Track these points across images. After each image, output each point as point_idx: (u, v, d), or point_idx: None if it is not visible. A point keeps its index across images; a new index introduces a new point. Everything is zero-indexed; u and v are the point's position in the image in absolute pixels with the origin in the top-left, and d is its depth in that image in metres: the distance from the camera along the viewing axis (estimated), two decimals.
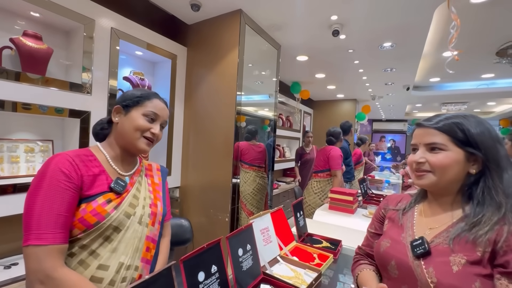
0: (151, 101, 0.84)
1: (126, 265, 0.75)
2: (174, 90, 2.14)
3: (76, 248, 0.71)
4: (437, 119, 0.67)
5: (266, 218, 1.12)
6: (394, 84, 3.96)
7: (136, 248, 0.78)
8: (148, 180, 0.92)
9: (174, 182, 2.22)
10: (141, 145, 0.82)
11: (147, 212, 0.84)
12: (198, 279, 0.68)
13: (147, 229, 0.82)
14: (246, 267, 0.87)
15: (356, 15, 1.97)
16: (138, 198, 0.83)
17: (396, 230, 0.75)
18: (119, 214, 0.76)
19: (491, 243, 0.56)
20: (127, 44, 1.78)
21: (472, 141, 0.62)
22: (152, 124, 0.83)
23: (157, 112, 0.84)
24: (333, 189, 2.07)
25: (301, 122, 4.88)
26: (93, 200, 0.73)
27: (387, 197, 0.88)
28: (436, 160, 0.64)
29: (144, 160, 0.98)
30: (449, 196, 0.67)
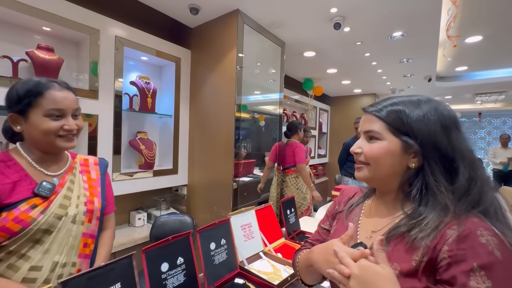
0: (44, 96, 0.73)
1: (61, 263, 0.75)
2: (179, 92, 2.23)
3: (2, 254, 0.71)
4: (382, 104, 0.59)
5: (249, 214, 1.13)
6: (414, 76, 3.72)
7: (71, 246, 0.78)
8: (84, 176, 0.88)
9: (181, 181, 2.31)
10: (61, 144, 0.77)
11: (82, 211, 0.82)
12: (161, 269, 0.72)
13: (83, 226, 0.81)
14: (219, 260, 0.89)
15: (357, 5, 1.89)
16: (70, 198, 0.80)
17: (341, 230, 0.68)
18: (48, 217, 0.74)
19: (429, 251, 0.47)
20: (133, 50, 1.90)
21: (409, 129, 0.53)
22: (61, 121, 0.75)
23: (60, 107, 0.75)
24: (338, 187, 2.01)
25: (317, 119, 4.78)
26: (14, 208, 0.70)
27: (342, 191, 0.81)
28: (368, 150, 0.57)
29: (80, 155, 0.93)
30: (391, 193, 0.60)
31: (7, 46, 1.49)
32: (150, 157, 2.05)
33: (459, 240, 0.45)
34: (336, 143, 5.39)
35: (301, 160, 2.64)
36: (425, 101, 0.55)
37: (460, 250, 0.44)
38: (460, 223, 0.46)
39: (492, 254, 0.42)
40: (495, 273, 0.41)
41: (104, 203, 0.90)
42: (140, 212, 2.09)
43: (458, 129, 0.53)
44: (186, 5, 1.93)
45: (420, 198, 0.53)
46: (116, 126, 1.79)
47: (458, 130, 0.53)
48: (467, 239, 0.44)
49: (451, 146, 0.52)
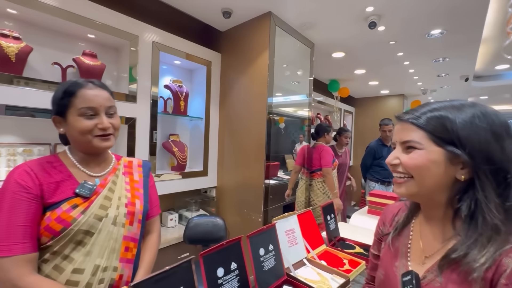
0: (76, 96, 0.74)
1: (102, 267, 0.74)
2: (209, 95, 2.26)
3: (48, 254, 0.72)
4: (420, 110, 0.53)
5: (291, 220, 1.11)
6: (449, 76, 3.52)
7: (112, 249, 0.77)
8: (126, 178, 0.87)
9: (211, 182, 2.33)
10: (98, 144, 0.77)
11: (123, 212, 0.80)
12: (217, 275, 0.71)
13: (123, 229, 0.80)
14: (268, 267, 0.87)
15: (396, 3, 1.82)
16: (110, 199, 0.80)
17: (389, 257, 0.62)
18: (88, 218, 0.73)
19: (487, 283, 0.43)
20: (167, 55, 1.95)
21: (454, 137, 0.47)
22: (95, 120, 0.76)
23: (91, 105, 0.75)
24: (372, 192, 1.93)
25: (341, 121, 4.66)
26: (57, 208, 0.71)
27: (384, 209, 0.73)
28: (407, 159, 0.51)
29: (125, 157, 0.94)
30: (438, 209, 0.53)
31: (56, 53, 1.58)
32: (183, 159, 2.09)
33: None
34: (361, 146, 5.22)
35: (327, 164, 2.56)
36: (470, 106, 0.49)
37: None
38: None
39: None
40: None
41: (147, 206, 0.88)
42: (172, 213, 2.13)
43: (511, 137, 0.47)
44: (219, 9, 1.95)
45: (471, 216, 0.47)
46: (152, 129, 1.84)
47: (507, 142, 0.46)
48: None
49: (505, 157, 0.45)
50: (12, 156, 1.42)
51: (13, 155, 1.42)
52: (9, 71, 1.30)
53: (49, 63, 1.53)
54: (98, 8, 1.54)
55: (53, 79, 1.47)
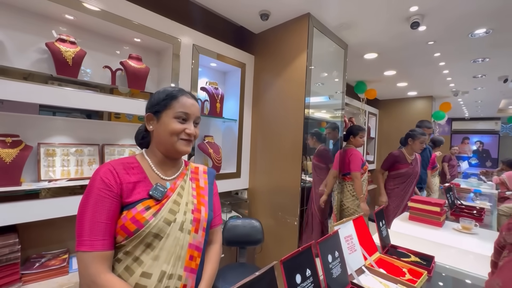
0: (178, 100, 0.81)
1: (168, 274, 0.74)
2: (243, 97, 2.26)
3: (121, 254, 0.73)
4: None
5: (349, 225, 1.08)
6: (486, 76, 3.35)
7: (178, 256, 0.76)
8: (193, 184, 0.89)
9: (243, 184, 2.33)
10: (181, 147, 0.81)
11: (189, 219, 0.81)
12: (296, 281, 0.70)
13: (189, 236, 0.79)
14: (335, 274, 0.85)
15: (442, 2, 1.75)
16: (179, 204, 0.80)
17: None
18: (158, 221, 0.74)
19: None
20: (202, 57, 1.97)
21: None
22: (185, 125, 0.81)
23: (187, 111, 0.81)
24: (414, 198, 1.86)
25: (366, 123, 4.55)
26: (133, 208, 0.73)
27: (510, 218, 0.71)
28: None
29: (192, 163, 0.96)
30: None
31: (104, 57, 1.63)
32: (218, 160, 2.10)
33: None
34: (385, 149, 5.08)
35: (356, 168, 2.51)
36: None
37: None
38: None
39: None
40: None
41: (211, 214, 0.88)
42: None
43: None
44: (257, 12, 1.95)
45: None
46: None
47: None
48: None
49: None
50: (66, 156, 1.47)
51: (66, 155, 1.47)
52: (67, 74, 1.35)
53: (98, 66, 1.58)
54: (141, 11, 1.56)
55: (104, 81, 1.52)
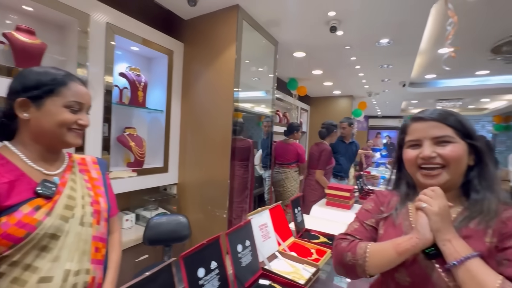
0: (69, 87, 0.72)
1: (74, 271, 0.69)
2: (171, 86, 2.12)
3: (4, 267, 0.62)
4: (436, 112, 0.65)
5: (264, 214, 1.12)
6: (390, 81, 3.98)
7: (83, 251, 0.72)
8: (84, 176, 0.83)
9: (172, 179, 2.21)
10: (72, 140, 0.73)
11: (89, 211, 0.76)
12: (198, 275, 0.69)
13: (91, 229, 0.76)
14: (245, 262, 0.87)
15: (354, 11, 1.97)
16: (74, 199, 0.75)
17: (394, 231, 0.68)
18: (55, 220, 0.68)
19: (495, 233, 0.56)
20: (122, 39, 1.76)
21: (471, 133, 0.63)
22: (78, 115, 0.73)
23: (81, 101, 0.74)
24: (330, 185, 2.09)
25: (298, 119, 4.89)
26: (15, 211, 0.63)
27: (378, 193, 0.80)
28: (449, 152, 0.61)
29: (75, 155, 0.87)
30: (452, 191, 0.64)
31: None
32: (140, 154, 1.93)
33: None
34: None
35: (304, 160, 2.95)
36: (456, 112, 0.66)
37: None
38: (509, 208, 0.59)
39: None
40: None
41: (109, 204, 0.85)
42: (127, 213, 1.95)
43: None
44: None
45: (479, 189, 0.61)
46: (105, 121, 1.65)
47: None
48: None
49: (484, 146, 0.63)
50: None
51: None
52: None
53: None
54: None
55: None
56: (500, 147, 7.71)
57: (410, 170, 0.68)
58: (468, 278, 0.52)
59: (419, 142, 0.65)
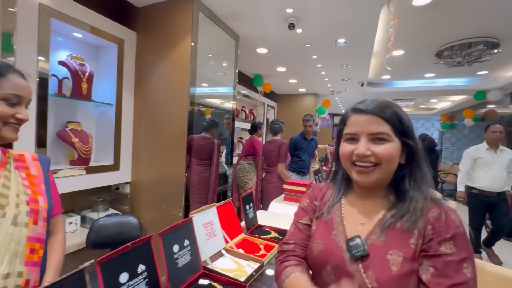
0: (7, 79, 0.70)
1: (3, 274, 0.66)
2: (121, 78, 1.97)
3: None
4: (374, 104, 0.61)
5: (210, 212, 1.09)
6: (350, 80, 4.17)
7: (14, 253, 0.68)
8: (21, 173, 0.79)
9: (124, 178, 2.07)
10: (8, 134, 0.71)
11: (24, 211, 0.72)
12: (120, 281, 0.63)
13: (27, 229, 0.72)
14: (182, 263, 0.83)
15: (311, 9, 2.00)
16: (7, 197, 0.71)
17: (324, 227, 0.67)
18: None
19: (421, 235, 0.55)
20: (62, 24, 1.58)
21: (407, 131, 0.61)
22: (15, 109, 0.71)
23: (21, 94, 0.72)
24: (288, 181, 2.12)
25: (264, 115, 4.92)
26: None
27: (314, 186, 0.79)
28: (384, 151, 0.58)
29: (12, 150, 0.82)
30: (382, 188, 0.64)
31: None
32: (85, 151, 1.77)
33: (439, 219, 0.55)
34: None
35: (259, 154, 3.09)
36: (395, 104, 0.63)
37: (439, 227, 0.55)
38: (437, 207, 0.57)
39: (458, 228, 0.55)
40: (457, 241, 0.54)
41: (51, 203, 0.81)
42: (71, 216, 1.79)
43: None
44: None
45: (408, 188, 0.60)
46: (40, 114, 1.48)
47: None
48: (444, 218, 0.55)
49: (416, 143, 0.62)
50: None
51: None
52: None
53: None
54: None
55: None
56: (446, 143, 8.59)
57: (344, 164, 0.66)
58: None
59: (356, 137, 0.62)
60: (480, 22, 2.34)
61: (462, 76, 4.28)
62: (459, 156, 8.02)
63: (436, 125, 9.61)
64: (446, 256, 0.53)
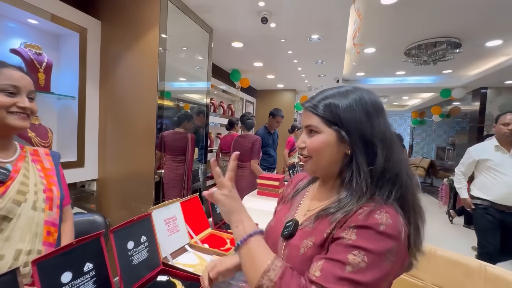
0: (1, 72, 0.75)
1: (25, 251, 0.76)
2: (84, 70, 1.86)
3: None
4: (317, 98, 0.62)
5: (173, 207, 1.07)
6: (326, 76, 4.25)
7: (34, 233, 0.78)
8: (37, 165, 0.89)
9: (89, 175, 1.97)
10: (13, 121, 0.76)
11: (42, 197, 0.83)
12: (62, 281, 0.60)
13: (44, 214, 0.82)
14: (138, 260, 0.81)
15: (282, 4, 2.00)
16: (27, 185, 0.81)
17: (284, 210, 0.73)
18: (6, 203, 0.74)
19: (338, 225, 0.53)
20: (15, 8, 1.46)
21: (338, 119, 0.57)
22: (15, 98, 0.76)
23: (16, 84, 0.76)
24: (261, 176, 2.13)
25: (243, 111, 4.89)
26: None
27: (295, 176, 0.85)
28: (310, 143, 0.60)
29: (27, 146, 0.92)
30: (330, 180, 0.64)
31: None
32: (45, 147, 1.66)
33: (359, 214, 0.52)
34: None
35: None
36: (352, 91, 0.60)
37: (353, 220, 0.52)
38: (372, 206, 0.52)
39: (369, 221, 0.50)
40: (361, 232, 0.49)
41: (62, 193, 0.91)
42: None
43: (380, 115, 0.58)
44: None
45: (349, 183, 0.57)
46: None
47: (381, 116, 0.58)
48: (365, 214, 0.51)
49: (372, 132, 0.56)
50: None
51: None
52: None
53: None
54: None
55: None
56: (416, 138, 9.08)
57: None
58: (245, 254, 0.53)
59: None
60: (443, 22, 2.47)
61: (429, 74, 4.51)
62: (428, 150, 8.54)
63: (408, 121, 10.13)
64: (342, 239, 0.50)
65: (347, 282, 0.46)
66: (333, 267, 0.48)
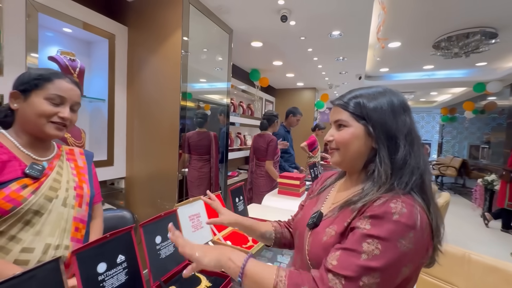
0: (53, 82, 0.80)
1: (54, 245, 0.78)
2: (113, 73, 1.97)
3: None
4: (346, 96, 0.66)
5: (197, 205, 1.10)
6: (347, 73, 4.13)
7: (63, 229, 0.81)
8: (71, 164, 0.93)
9: (119, 173, 2.08)
10: (50, 130, 0.80)
11: (72, 195, 0.86)
12: (98, 271, 0.64)
13: (73, 210, 0.85)
14: (165, 254, 0.84)
15: (302, 0, 1.97)
16: (59, 182, 0.84)
17: (311, 204, 0.78)
18: (39, 198, 0.77)
19: (358, 214, 0.57)
20: (51, 19, 1.58)
21: (365, 115, 0.62)
22: (58, 108, 0.80)
23: (63, 95, 0.81)
24: (282, 174, 2.12)
25: (262, 110, 4.90)
26: (5, 187, 0.72)
27: (323, 173, 0.90)
28: (338, 136, 0.65)
29: (64, 146, 0.97)
30: (356, 173, 0.68)
31: None
32: (78, 147, 1.78)
33: (375, 204, 0.54)
34: None
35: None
36: (381, 93, 0.64)
37: (369, 209, 0.55)
38: (389, 195, 0.55)
39: (383, 210, 0.52)
40: (375, 221, 0.52)
41: (93, 191, 0.95)
42: None
43: (405, 112, 0.62)
44: None
45: (372, 174, 0.60)
46: None
47: (406, 113, 0.62)
48: (380, 203, 0.54)
49: (397, 128, 0.60)
50: None
51: None
52: None
53: None
54: None
55: None
56: (446, 136, 8.53)
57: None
58: (250, 283, 0.55)
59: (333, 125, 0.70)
60: (476, 11, 2.30)
61: (461, 67, 4.23)
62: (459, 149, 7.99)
63: (437, 118, 9.55)
64: (357, 229, 0.54)
65: (362, 269, 0.49)
66: (349, 256, 0.51)
